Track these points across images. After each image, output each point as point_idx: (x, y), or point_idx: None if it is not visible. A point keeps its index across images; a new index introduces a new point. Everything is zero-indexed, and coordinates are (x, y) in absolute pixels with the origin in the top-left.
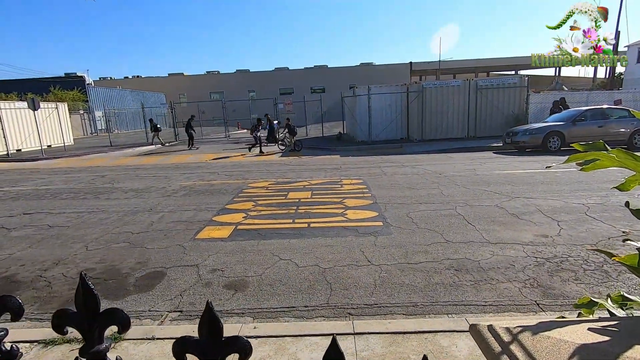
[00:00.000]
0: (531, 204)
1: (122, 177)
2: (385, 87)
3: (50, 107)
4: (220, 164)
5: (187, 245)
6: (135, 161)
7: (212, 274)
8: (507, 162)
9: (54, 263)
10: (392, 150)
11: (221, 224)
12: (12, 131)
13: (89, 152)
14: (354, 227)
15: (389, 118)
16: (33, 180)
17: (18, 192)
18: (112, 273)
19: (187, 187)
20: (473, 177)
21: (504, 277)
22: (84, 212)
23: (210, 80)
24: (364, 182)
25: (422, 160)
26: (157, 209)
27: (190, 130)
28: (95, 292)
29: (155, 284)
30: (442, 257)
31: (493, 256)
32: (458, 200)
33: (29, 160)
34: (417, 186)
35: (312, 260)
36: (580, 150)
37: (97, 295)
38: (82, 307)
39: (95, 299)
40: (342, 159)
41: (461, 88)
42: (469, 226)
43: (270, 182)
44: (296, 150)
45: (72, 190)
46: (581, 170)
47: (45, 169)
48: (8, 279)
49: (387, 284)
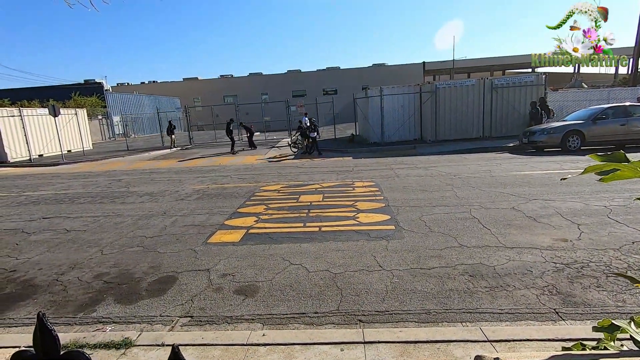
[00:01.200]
0: (549, 207)
1: (137, 181)
2: (398, 87)
3: (70, 113)
4: (233, 167)
5: (198, 249)
6: (150, 165)
7: (223, 278)
8: (524, 163)
9: (70, 267)
10: (405, 151)
11: (233, 228)
12: (35, 137)
13: (106, 156)
14: (366, 230)
15: (402, 119)
16: (53, 185)
17: (39, 197)
18: (126, 277)
19: (200, 190)
20: (488, 178)
21: (521, 283)
22: (100, 216)
23: (224, 83)
24: (376, 185)
25: (435, 162)
26: (171, 212)
27: (231, 135)
28: (54, 334)
29: (167, 289)
30: (456, 262)
31: (509, 261)
32: (473, 203)
33: (50, 165)
34: (430, 188)
35: (323, 265)
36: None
37: (57, 337)
38: (40, 349)
39: (55, 341)
40: (355, 161)
41: (475, 87)
42: (484, 230)
43: (282, 185)
44: (308, 152)
45: (89, 195)
46: (601, 181)
47: (65, 174)
48: (26, 282)
49: (399, 290)
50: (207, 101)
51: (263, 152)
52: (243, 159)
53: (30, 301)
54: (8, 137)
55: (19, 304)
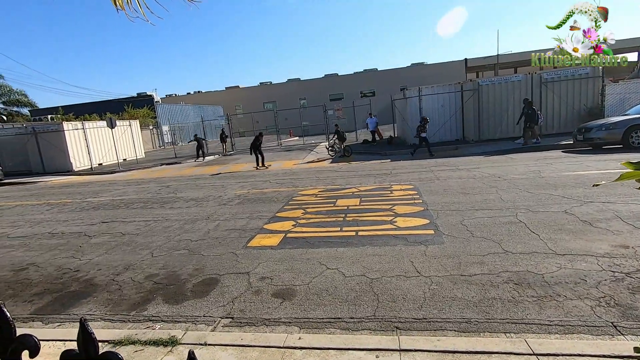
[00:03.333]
0: (608, 209)
1: (184, 187)
2: (437, 86)
3: (124, 125)
4: (273, 172)
5: (239, 252)
6: (196, 171)
7: (262, 281)
8: (579, 162)
9: (125, 268)
10: (446, 152)
11: (271, 232)
12: (95, 148)
13: (157, 163)
14: (404, 235)
15: (443, 119)
16: (110, 192)
17: (98, 203)
18: (173, 279)
19: (242, 195)
20: (537, 179)
21: (573, 293)
22: (150, 220)
23: (264, 90)
24: (415, 188)
25: (479, 163)
26: (214, 217)
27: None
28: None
29: (210, 290)
30: (499, 269)
31: (560, 269)
32: (519, 206)
33: (108, 172)
34: (472, 191)
35: (360, 269)
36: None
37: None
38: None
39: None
40: (393, 164)
41: (522, 83)
42: (532, 235)
43: (320, 189)
44: (346, 155)
45: (141, 200)
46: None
47: (121, 181)
48: (88, 281)
49: (438, 297)
50: (247, 108)
51: (302, 157)
52: (282, 164)
53: (91, 299)
54: (73, 149)
55: (81, 301)
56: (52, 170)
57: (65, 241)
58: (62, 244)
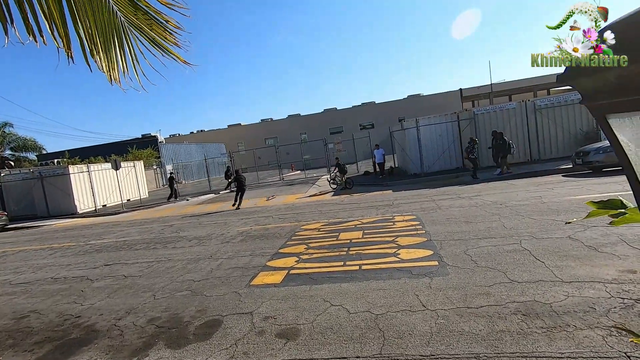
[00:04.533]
0: (612, 233)
1: (187, 225)
2: (434, 117)
3: (129, 166)
4: (275, 207)
5: (242, 292)
6: (199, 209)
7: (265, 321)
8: (580, 186)
9: (127, 312)
10: (447, 181)
11: (274, 269)
12: (99, 189)
13: (160, 203)
14: (408, 268)
15: (441, 148)
16: (114, 233)
17: (101, 245)
18: (175, 322)
19: (244, 232)
20: (539, 205)
21: (583, 322)
22: (153, 261)
23: (265, 127)
24: (417, 218)
25: (480, 190)
26: (217, 255)
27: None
28: None
29: (213, 332)
30: (506, 300)
31: (568, 297)
32: (523, 233)
33: (112, 214)
34: (475, 219)
35: (364, 305)
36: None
37: None
38: None
39: None
40: (395, 194)
41: (517, 110)
42: (537, 262)
43: (322, 223)
44: (347, 188)
45: (144, 241)
46: (611, 225)
47: (124, 222)
48: (89, 327)
49: (445, 331)
50: (249, 145)
51: (304, 190)
52: (284, 198)
53: (92, 346)
54: (78, 191)
55: (82, 349)
56: (56, 213)
57: (67, 286)
58: (64, 289)
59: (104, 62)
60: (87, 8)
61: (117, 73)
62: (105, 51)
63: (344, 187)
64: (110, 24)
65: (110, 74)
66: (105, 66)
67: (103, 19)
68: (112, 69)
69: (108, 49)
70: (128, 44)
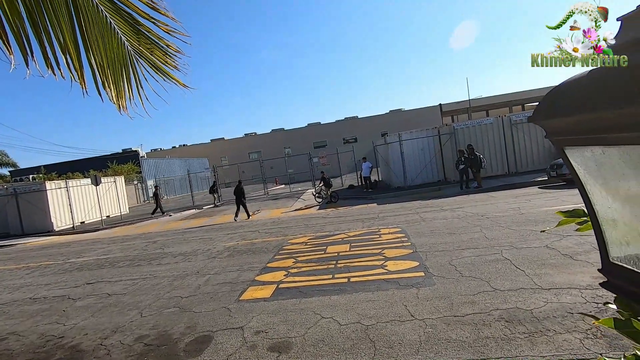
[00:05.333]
0: (585, 242)
1: (171, 241)
2: (416, 132)
3: (109, 182)
4: (261, 222)
5: (232, 307)
6: (182, 225)
7: (257, 335)
8: (555, 197)
9: (113, 331)
10: (430, 193)
11: (263, 284)
12: (77, 206)
13: (142, 219)
14: (395, 279)
15: (424, 162)
16: (95, 250)
17: (82, 263)
18: (164, 339)
19: (231, 247)
20: (518, 216)
21: (562, 327)
22: (138, 279)
23: (248, 141)
24: (402, 231)
25: (462, 202)
26: (204, 271)
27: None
28: None
29: (204, 349)
30: (490, 308)
31: (547, 304)
32: (503, 244)
33: (91, 231)
34: (458, 231)
35: (354, 317)
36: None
37: None
38: None
39: None
40: (380, 207)
41: (494, 125)
42: (518, 271)
43: (309, 237)
44: (333, 201)
45: (127, 258)
46: (578, 231)
47: (105, 239)
48: (74, 348)
49: (433, 339)
50: (233, 159)
51: (289, 204)
52: (269, 213)
53: None
54: (55, 208)
55: None
56: (31, 231)
57: (48, 306)
58: (44, 309)
59: (113, 93)
60: (97, 37)
61: (125, 101)
62: (114, 82)
63: (329, 201)
64: (119, 53)
65: (119, 103)
66: (115, 97)
67: (112, 49)
68: (121, 97)
69: (117, 79)
70: (133, 71)
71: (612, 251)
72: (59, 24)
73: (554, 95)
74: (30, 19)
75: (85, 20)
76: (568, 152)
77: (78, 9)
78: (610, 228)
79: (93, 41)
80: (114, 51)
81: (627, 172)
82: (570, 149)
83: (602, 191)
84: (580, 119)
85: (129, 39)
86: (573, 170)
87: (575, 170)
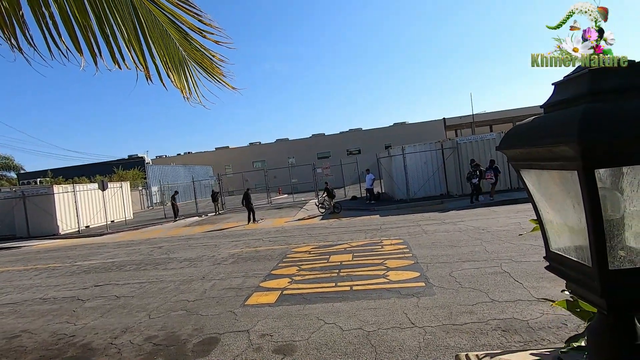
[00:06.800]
0: None
1: (176, 247)
2: (419, 145)
3: (115, 187)
4: (264, 230)
5: (237, 311)
6: (187, 231)
7: (262, 339)
8: None
9: (122, 331)
10: (432, 206)
11: (268, 290)
12: (84, 210)
13: (146, 224)
14: (396, 288)
15: (426, 175)
16: (101, 254)
17: (89, 266)
18: (173, 340)
19: (235, 254)
20: (519, 231)
21: (556, 337)
22: (145, 282)
23: (253, 150)
24: (404, 242)
25: (463, 216)
26: (209, 277)
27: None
28: None
29: (211, 350)
30: (488, 317)
31: (543, 315)
32: (503, 257)
33: (96, 235)
34: (459, 244)
35: (356, 323)
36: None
37: None
38: None
39: None
40: (382, 219)
41: (497, 140)
42: (516, 284)
43: (313, 246)
44: (336, 212)
45: (134, 262)
46: (533, 230)
47: (111, 243)
48: (85, 346)
49: (432, 346)
50: (237, 168)
51: (292, 214)
52: (273, 221)
53: None
54: (61, 212)
55: None
56: (37, 234)
57: (58, 306)
58: (54, 309)
59: (177, 81)
60: (158, 38)
61: (186, 92)
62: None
63: (332, 212)
64: (176, 55)
65: (182, 91)
66: (179, 84)
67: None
68: (183, 87)
69: (178, 72)
70: (188, 71)
71: (551, 244)
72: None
73: (512, 132)
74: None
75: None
76: (522, 173)
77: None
78: (549, 227)
79: (155, 39)
80: (173, 50)
81: (554, 188)
82: (523, 170)
83: (543, 201)
84: (524, 150)
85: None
86: (526, 186)
87: (527, 186)
